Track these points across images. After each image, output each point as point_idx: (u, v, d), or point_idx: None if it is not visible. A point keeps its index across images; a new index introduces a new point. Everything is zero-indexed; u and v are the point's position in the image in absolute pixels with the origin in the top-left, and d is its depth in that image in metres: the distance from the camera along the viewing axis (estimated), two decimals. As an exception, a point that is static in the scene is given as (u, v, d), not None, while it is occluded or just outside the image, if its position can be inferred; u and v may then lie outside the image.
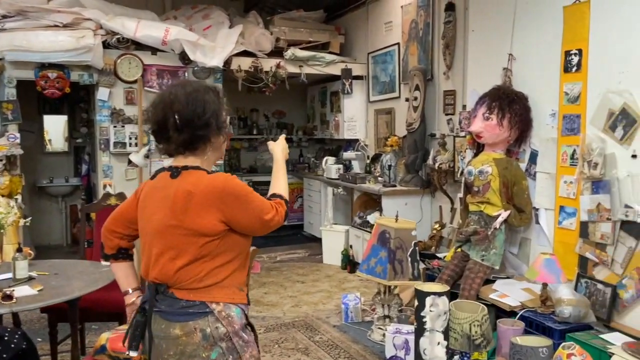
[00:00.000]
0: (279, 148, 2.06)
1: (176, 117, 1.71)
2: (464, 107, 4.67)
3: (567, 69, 3.50)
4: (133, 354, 1.77)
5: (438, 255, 4.52)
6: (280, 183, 1.96)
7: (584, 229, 3.37)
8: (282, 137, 2.15)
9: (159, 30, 5.34)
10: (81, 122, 6.73)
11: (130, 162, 5.13)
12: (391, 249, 3.53)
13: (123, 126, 5.34)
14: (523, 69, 3.87)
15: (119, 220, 1.89)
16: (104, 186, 5.33)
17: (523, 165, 3.85)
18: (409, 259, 3.55)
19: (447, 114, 4.96)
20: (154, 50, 5.46)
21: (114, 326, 3.11)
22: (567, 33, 3.49)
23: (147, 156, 5.08)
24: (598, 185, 3.27)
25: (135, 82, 5.36)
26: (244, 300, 1.78)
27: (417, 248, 3.55)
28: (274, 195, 1.89)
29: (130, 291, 1.92)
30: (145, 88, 5.44)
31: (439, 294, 2.68)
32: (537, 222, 3.76)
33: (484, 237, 3.73)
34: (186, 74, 5.60)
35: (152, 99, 1.83)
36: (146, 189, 1.84)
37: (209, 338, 1.69)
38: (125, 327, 2.04)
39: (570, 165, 3.48)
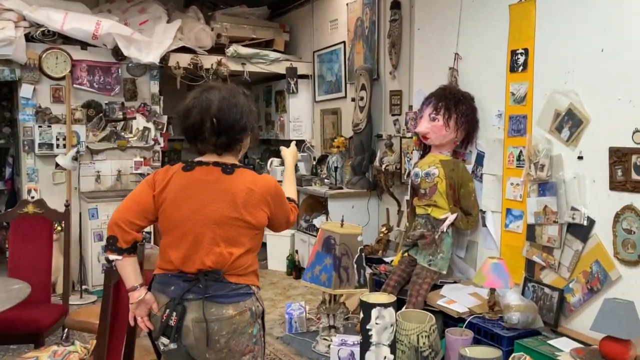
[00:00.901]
0: (290, 154, 2.33)
1: (214, 121, 1.84)
2: (410, 107, 4.56)
3: (513, 68, 3.43)
4: (173, 346, 1.84)
5: (385, 259, 4.39)
6: (292, 188, 2.23)
7: (530, 232, 3.31)
8: (293, 144, 2.42)
9: (89, 23, 4.98)
10: (4, 121, 6.23)
11: (57, 165, 4.75)
12: (336, 256, 3.36)
13: (49, 126, 4.94)
14: (469, 68, 3.79)
15: (137, 212, 1.86)
16: (29, 191, 4.93)
17: (469, 167, 3.77)
18: (355, 266, 3.40)
19: (393, 115, 4.85)
20: (84, 45, 5.10)
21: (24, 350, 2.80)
22: (514, 32, 3.43)
23: (75, 158, 4.71)
24: (544, 187, 3.21)
25: (63, 78, 4.98)
26: (259, 282, 1.99)
27: (363, 254, 3.40)
28: (289, 199, 2.10)
29: (139, 287, 1.88)
30: (75, 85, 5.07)
31: (385, 305, 2.53)
32: (484, 225, 3.69)
33: (431, 241, 3.62)
34: (119, 71, 5.25)
35: (185, 102, 1.93)
36: (183, 180, 1.87)
37: (253, 315, 1.88)
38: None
39: (517, 166, 3.42)
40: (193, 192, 1.86)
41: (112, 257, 1.86)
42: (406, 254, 3.81)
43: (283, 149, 2.36)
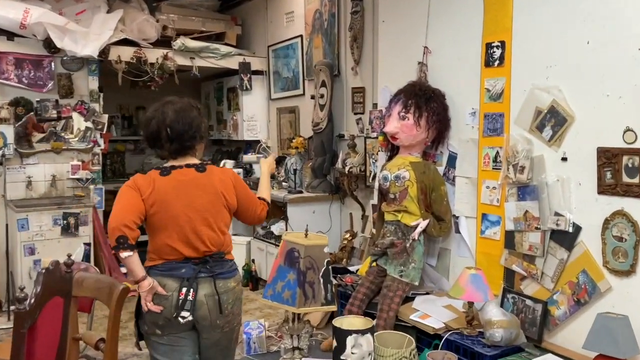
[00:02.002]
0: (265, 165, 2.80)
1: (168, 130, 2.22)
2: (375, 105, 4.27)
3: (488, 63, 3.18)
4: (191, 317, 2.21)
5: (350, 268, 4.08)
6: (265, 190, 2.65)
7: (509, 239, 3.07)
8: (273, 156, 2.91)
9: (15, 11, 4.44)
10: None
11: (-20, 170, 4.20)
12: (301, 270, 3.00)
13: (-30, 126, 4.38)
14: (440, 63, 3.52)
15: (135, 213, 2.16)
16: (-53, 200, 4.34)
17: (441, 169, 3.50)
18: (322, 281, 3.04)
19: (356, 113, 4.54)
20: (10, 35, 4.55)
21: None
22: (488, 23, 3.18)
23: (0, 162, 4.17)
24: (525, 190, 2.97)
25: (-15, 72, 4.42)
26: None
27: (330, 267, 3.06)
28: (260, 198, 2.55)
29: (145, 275, 2.18)
30: (0, 80, 4.51)
31: (363, 332, 2.20)
32: (458, 231, 3.43)
33: (401, 249, 3.33)
34: (53, 65, 4.72)
35: (146, 114, 2.32)
36: (166, 183, 2.22)
37: (241, 284, 2.46)
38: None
39: (493, 169, 3.17)
40: (179, 192, 2.22)
41: (124, 254, 2.12)
42: (374, 264, 3.51)
43: (262, 160, 2.84)
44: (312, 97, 4.78)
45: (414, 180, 3.33)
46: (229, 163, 5.87)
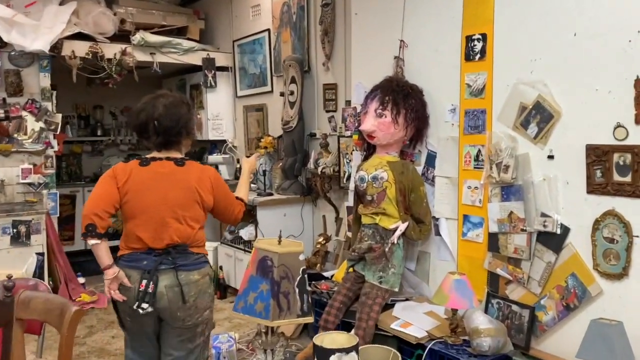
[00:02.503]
0: (247, 165, 2.82)
1: (155, 123, 2.29)
2: (348, 102, 4.09)
3: (468, 56, 3.03)
4: (151, 309, 2.24)
5: (325, 274, 3.88)
6: (242, 190, 2.67)
7: (493, 242, 2.92)
8: (254, 156, 2.93)
9: (-44, 1, 4.07)
10: None
11: None
12: (275, 280, 2.79)
13: None
14: (417, 57, 3.35)
15: (107, 202, 2.25)
16: None
17: (419, 169, 3.33)
18: (297, 291, 2.84)
19: (328, 111, 4.34)
20: (-50, 28, 4.17)
21: None
22: (468, 15, 3.02)
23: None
24: (509, 191, 2.83)
25: None
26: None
27: (306, 276, 2.86)
28: (238, 198, 2.57)
29: (112, 264, 2.26)
30: (-60, 77, 4.13)
31: (347, 350, 2.01)
32: (438, 234, 3.27)
33: (380, 254, 3.16)
34: (-1, 61, 4.36)
35: (137, 105, 2.39)
36: (143, 173, 2.30)
37: (211, 278, 2.44)
38: None
39: (475, 168, 3.02)
40: (153, 183, 2.29)
41: (91, 242, 2.23)
42: (351, 270, 3.32)
43: (244, 158, 2.88)
44: (282, 94, 4.56)
45: (392, 181, 3.15)
46: (193, 164, 5.59)
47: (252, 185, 4.92)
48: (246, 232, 4.51)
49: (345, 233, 4.03)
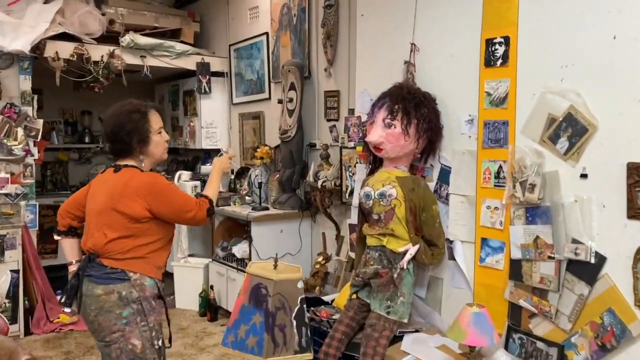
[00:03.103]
0: (218, 162, 2.65)
1: (105, 130, 2.33)
2: (352, 111, 3.78)
3: (489, 62, 2.72)
4: (67, 309, 2.29)
5: (324, 298, 3.55)
6: (209, 188, 2.49)
7: (515, 269, 2.60)
8: (227, 156, 2.78)
9: None
10: None
11: None
12: (269, 311, 2.47)
13: None
14: (429, 62, 3.05)
15: (72, 204, 2.42)
16: None
17: (431, 185, 3.02)
18: (294, 323, 2.52)
19: (329, 120, 4.04)
20: None
21: None
22: (489, 16, 2.72)
23: None
24: (535, 212, 2.52)
25: None
26: (159, 276, 2.29)
27: (304, 306, 2.54)
28: (201, 195, 2.40)
29: (74, 262, 2.40)
30: None
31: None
32: (452, 258, 2.95)
33: (387, 280, 2.83)
34: (-25, 61, 4.04)
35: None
36: (96, 179, 2.38)
37: (123, 299, 2.17)
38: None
39: (496, 186, 2.71)
40: (95, 190, 2.32)
41: (55, 237, 2.43)
42: (354, 296, 3.00)
43: (216, 157, 2.69)
44: (280, 102, 4.25)
45: (402, 199, 2.83)
46: (185, 174, 5.26)
47: (247, 198, 4.60)
48: (239, 250, 4.18)
49: (347, 253, 3.70)
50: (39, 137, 4.32)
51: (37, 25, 4.21)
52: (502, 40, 2.65)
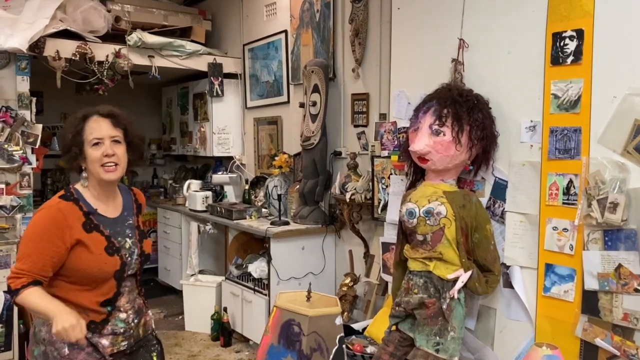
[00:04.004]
0: (61, 318, 1.67)
1: None
2: (383, 116, 3.40)
3: (556, 59, 2.34)
4: None
5: (354, 326, 3.15)
6: (41, 299, 1.71)
7: (590, 302, 2.21)
8: (71, 322, 1.69)
9: None
10: None
11: None
12: (303, 354, 2.08)
13: None
14: (480, 60, 2.67)
15: None
16: None
17: (483, 202, 2.63)
18: (333, 367, 2.12)
19: (356, 126, 3.65)
20: None
21: None
22: (557, 5, 2.34)
23: None
24: (617, 236, 2.13)
25: None
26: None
27: (344, 347, 2.14)
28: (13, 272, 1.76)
29: None
30: None
31: None
32: (508, 286, 2.56)
33: (435, 312, 2.44)
34: (-33, 59, 3.68)
35: None
36: None
37: (35, 336, 1.84)
38: None
39: (564, 203, 2.32)
40: None
41: None
42: (394, 328, 2.61)
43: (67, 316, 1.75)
44: (301, 106, 3.87)
45: (452, 218, 2.44)
46: (194, 184, 4.90)
47: (264, 210, 4.22)
48: (256, 268, 3.79)
49: (379, 274, 3.31)
50: (38, 143, 3.94)
51: (36, 21, 3.85)
52: (574, 33, 2.27)
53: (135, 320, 1.92)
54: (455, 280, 2.45)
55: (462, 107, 2.48)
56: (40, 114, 5.40)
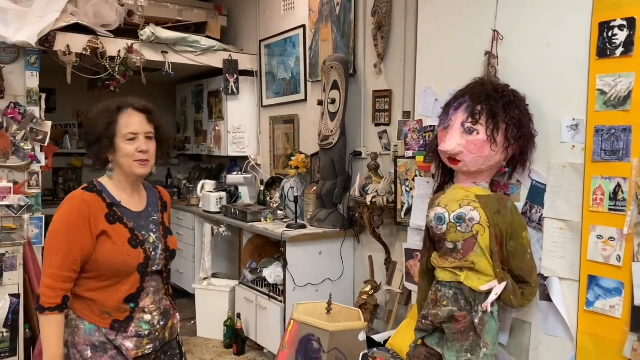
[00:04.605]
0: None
1: None
2: (406, 114, 3.21)
3: (604, 51, 2.12)
4: None
5: (375, 338, 2.95)
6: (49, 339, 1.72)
7: (640, 319, 2.00)
8: None
9: None
10: None
11: None
12: (323, 373, 1.88)
13: None
14: (516, 53, 2.46)
15: None
16: None
17: (519, 206, 2.42)
18: (355, 387, 1.93)
19: (378, 125, 3.47)
20: None
21: None
22: (605, -8, 2.13)
23: None
24: (673, 247, 1.91)
25: None
26: (101, 324, 1.76)
27: (368, 365, 1.96)
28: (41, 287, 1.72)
29: None
30: None
31: None
32: (546, 299, 2.35)
33: (466, 326, 2.24)
34: (-25, 53, 3.56)
35: None
36: None
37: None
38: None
39: (611, 210, 2.10)
40: None
41: None
42: (420, 342, 2.41)
43: None
44: (320, 103, 3.69)
45: (486, 224, 2.24)
46: (208, 184, 4.74)
47: (279, 212, 4.05)
48: (271, 274, 3.62)
49: (402, 283, 3.12)
50: (47, 141, 3.81)
51: (46, 14, 3.72)
52: (624, 22, 2.06)
53: (162, 323, 1.85)
54: (488, 292, 2.25)
55: (497, 104, 2.28)
56: (52, 112, 5.31)
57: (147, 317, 1.81)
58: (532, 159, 2.38)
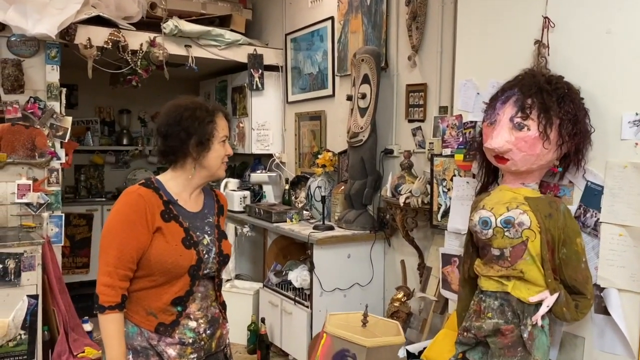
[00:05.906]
0: None
1: (159, 123, 1.84)
2: (443, 109, 3.02)
3: (674, 37, 1.91)
4: None
5: (409, 348, 2.77)
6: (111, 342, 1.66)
7: None
8: None
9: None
10: None
11: None
12: (359, 393, 1.70)
13: None
14: (569, 42, 2.25)
15: None
16: None
17: (571, 210, 2.21)
18: (394, 409, 1.75)
19: (411, 121, 3.27)
20: None
21: None
22: (677, -29, 1.91)
23: None
24: None
25: None
26: (146, 325, 1.71)
27: (409, 385, 1.77)
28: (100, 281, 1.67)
29: None
30: None
31: None
32: (602, 312, 2.13)
33: (514, 341, 2.04)
34: (-6, 46, 3.47)
35: None
36: None
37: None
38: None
39: (681, 215, 1.88)
40: None
41: None
42: (460, 356, 2.22)
43: None
44: (349, 98, 3.51)
45: (537, 229, 2.04)
46: (232, 182, 4.59)
47: (305, 212, 3.88)
48: (297, 277, 3.45)
49: (437, 290, 2.92)
50: (67, 137, 3.70)
51: (66, 6, 3.61)
52: (699, 4, 1.83)
53: (208, 331, 1.77)
54: (538, 304, 2.05)
55: (550, 97, 2.07)
56: (74, 108, 5.23)
57: (192, 324, 1.74)
58: (588, 157, 2.17)
